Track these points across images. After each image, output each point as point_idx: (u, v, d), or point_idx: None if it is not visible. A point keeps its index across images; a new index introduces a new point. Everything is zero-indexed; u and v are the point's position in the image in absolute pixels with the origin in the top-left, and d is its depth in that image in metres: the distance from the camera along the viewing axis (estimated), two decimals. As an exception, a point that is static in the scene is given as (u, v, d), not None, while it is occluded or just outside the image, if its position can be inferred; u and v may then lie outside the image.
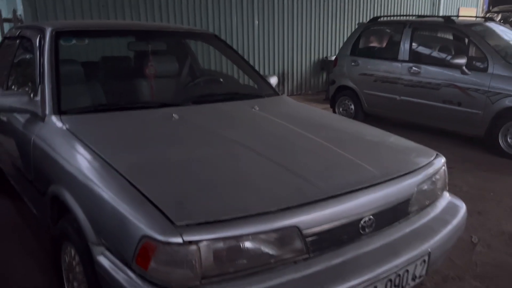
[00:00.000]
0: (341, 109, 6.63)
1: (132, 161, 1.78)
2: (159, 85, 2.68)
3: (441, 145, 5.26)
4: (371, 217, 1.73)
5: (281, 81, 8.67)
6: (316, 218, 1.57)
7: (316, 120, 2.62)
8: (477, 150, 5.07)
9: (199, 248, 1.36)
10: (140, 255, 1.40)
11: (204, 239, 1.37)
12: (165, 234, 1.35)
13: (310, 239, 1.57)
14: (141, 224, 1.41)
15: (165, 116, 2.33)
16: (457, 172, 4.34)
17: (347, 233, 1.67)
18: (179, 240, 1.35)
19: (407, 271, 1.73)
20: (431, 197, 2.05)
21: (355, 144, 2.22)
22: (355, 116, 6.27)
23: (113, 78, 2.76)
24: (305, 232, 1.54)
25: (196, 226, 1.39)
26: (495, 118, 4.81)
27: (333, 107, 6.75)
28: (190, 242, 1.36)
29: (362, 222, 1.70)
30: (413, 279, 1.79)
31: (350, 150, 2.04)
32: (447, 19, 5.58)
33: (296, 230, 1.53)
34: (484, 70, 4.89)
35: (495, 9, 17.39)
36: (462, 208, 2.16)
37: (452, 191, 2.31)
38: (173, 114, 2.32)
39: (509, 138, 4.75)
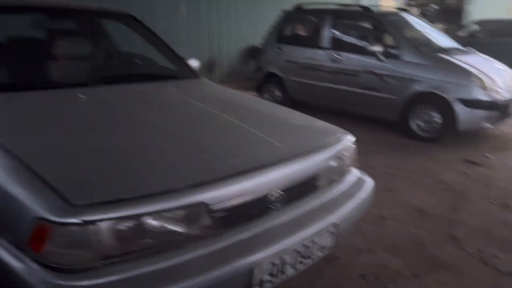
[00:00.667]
0: (268, 96, 6.72)
1: (28, 143, 1.67)
2: (67, 66, 2.52)
3: (360, 129, 5.48)
4: (281, 192, 1.77)
5: (209, 69, 8.59)
6: (224, 194, 1.58)
7: (233, 102, 2.62)
8: (393, 133, 5.40)
9: (98, 228, 1.31)
10: (34, 238, 1.32)
11: (104, 219, 1.32)
12: (61, 215, 1.28)
13: (218, 215, 1.57)
14: (34, 205, 1.33)
15: (71, 97, 2.20)
16: (374, 154, 4.60)
17: (256, 208, 1.70)
18: (76, 220, 1.28)
19: (315, 242, 1.80)
20: (339, 173, 2.14)
21: (267, 123, 2.26)
22: (281, 103, 6.39)
23: (15, 58, 2.55)
24: (213, 208, 1.54)
25: (94, 206, 1.33)
26: (407, 103, 5.14)
27: (260, 94, 6.83)
28: (88, 222, 1.30)
29: (271, 197, 1.73)
30: (321, 250, 1.87)
31: (262, 128, 2.07)
32: (366, 8, 5.84)
33: (203, 206, 1.52)
34: (397, 57, 5.20)
35: (412, 1, 18.59)
36: (370, 183, 2.29)
37: (368, 171, 2.42)
38: (80, 95, 2.21)
39: (419, 121, 5.11)
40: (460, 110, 4.76)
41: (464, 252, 2.69)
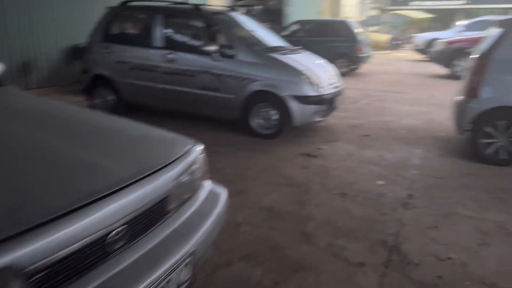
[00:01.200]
0: (99, 101, 6.04)
1: None
2: None
3: (203, 131, 5.40)
4: (122, 227, 1.42)
5: (24, 73, 7.35)
6: (41, 248, 1.16)
7: (49, 116, 2.10)
8: (236, 133, 5.40)
9: None
10: None
11: None
12: None
13: (37, 277, 1.15)
14: None
15: None
16: (220, 156, 4.49)
17: (92, 255, 1.32)
18: None
19: (170, 280, 1.51)
20: (191, 190, 1.89)
21: (97, 141, 1.84)
22: (115, 107, 5.82)
23: None
24: (27, 270, 1.12)
25: None
26: (246, 102, 5.19)
27: (89, 99, 6.10)
28: None
29: (110, 236, 1.37)
30: (179, 286, 1.59)
31: (90, 149, 1.68)
32: (196, 7, 5.70)
33: (11, 271, 1.09)
34: (233, 56, 5.20)
35: (240, 2, 19.47)
36: (224, 195, 2.09)
37: (217, 175, 2.23)
38: None
39: (259, 119, 5.22)
40: (294, 106, 5.00)
41: (316, 248, 2.73)
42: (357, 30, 12.02)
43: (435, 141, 5.29)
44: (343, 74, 11.76)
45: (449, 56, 11.58)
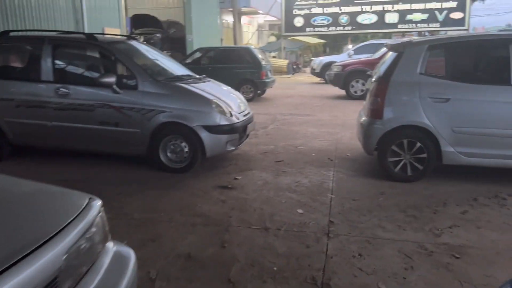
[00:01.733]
0: (-23, 145, 5.20)
1: None
2: None
3: (106, 170, 4.90)
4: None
5: None
6: None
7: None
8: (144, 169, 4.97)
9: None
10: None
11: None
12: None
13: None
14: None
15: None
16: (128, 198, 4.05)
17: None
18: None
19: None
20: (89, 260, 1.53)
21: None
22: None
23: None
24: None
25: None
26: (153, 135, 4.82)
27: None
28: None
29: None
30: None
31: None
32: (90, 35, 5.23)
33: None
34: (135, 88, 4.82)
35: (138, 31, 18.90)
36: (131, 258, 1.75)
37: (125, 222, 1.86)
38: None
39: (169, 152, 4.87)
40: (205, 137, 4.75)
41: (244, 297, 2.47)
42: (260, 56, 12.29)
43: (344, 161, 5.40)
44: (250, 100, 11.87)
45: (345, 78, 12.35)
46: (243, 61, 12.09)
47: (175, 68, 5.79)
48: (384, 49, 12.76)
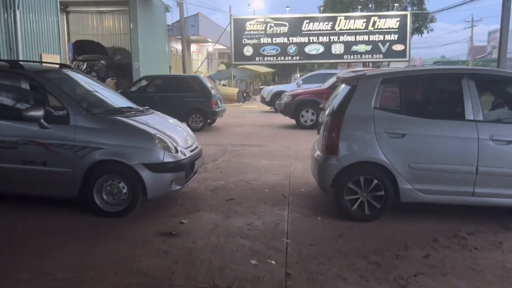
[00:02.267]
0: None
1: None
2: None
3: (30, 216, 4.26)
4: None
5: None
6: None
7: None
8: (76, 214, 4.38)
9: None
10: None
11: None
12: None
13: None
14: None
15: None
16: (52, 251, 3.48)
17: None
18: None
19: None
20: None
21: None
22: None
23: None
24: None
25: None
26: (87, 175, 4.28)
27: None
28: None
29: None
30: None
31: None
32: (14, 63, 4.66)
33: None
34: (66, 122, 4.29)
35: (80, 57, 18.05)
36: None
37: (44, 284, 1.39)
38: None
39: (105, 194, 4.33)
40: (147, 176, 4.28)
41: None
42: (210, 84, 11.98)
43: (299, 198, 5.10)
44: (199, 129, 11.49)
45: (295, 108, 12.29)
46: (192, 89, 11.73)
47: (114, 99, 5.30)
48: (332, 79, 12.92)
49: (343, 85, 4.80)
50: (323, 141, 4.42)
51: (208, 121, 11.93)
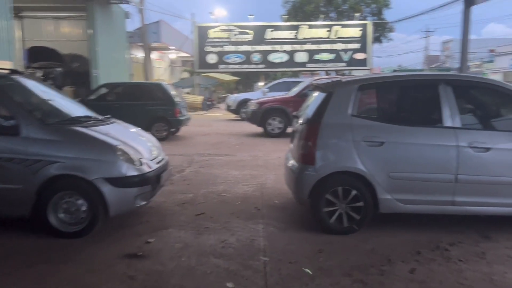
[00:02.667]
0: None
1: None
2: None
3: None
4: None
5: None
6: None
7: None
8: (29, 235, 3.93)
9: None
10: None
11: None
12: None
13: None
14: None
15: None
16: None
17: None
18: None
19: None
20: None
21: None
22: None
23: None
24: None
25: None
26: (41, 192, 3.84)
27: None
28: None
29: None
30: None
31: None
32: (-44, 68, 4.17)
33: None
34: (16, 133, 3.84)
35: (35, 64, 17.12)
36: None
37: None
38: None
39: (61, 213, 3.91)
40: (109, 192, 3.90)
41: None
42: (173, 92, 11.58)
43: (273, 211, 4.85)
44: (163, 139, 11.03)
45: (262, 116, 12.09)
46: (155, 97, 11.27)
47: (72, 108, 4.87)
48: (298, 87, 12.82)
49: (318, 93, 4.62)
50: (299, 151, 4.21)
51: (173, 130, 11.50)
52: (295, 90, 12.82)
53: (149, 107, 11.03)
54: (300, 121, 4.59)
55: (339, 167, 4.04)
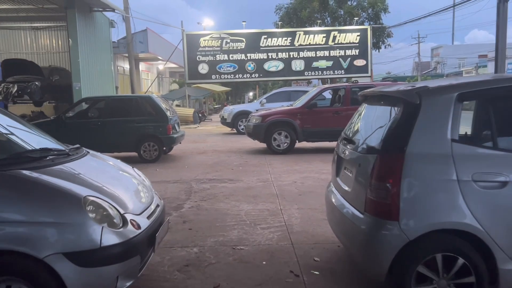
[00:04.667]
0: None
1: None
2: None
3: None
4: None
5: None
6: None
7: None
8: None
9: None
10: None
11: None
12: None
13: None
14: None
15: None
16: None
17: None
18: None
19: None
20: None
21: None
22: None
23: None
24: None
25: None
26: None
27: None
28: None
29: None
30: None
31: None
32: None
33: None
34: None
35: (10, 79, 15.50)
36: None
37: None
38: None
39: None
40: (71, 274, 2.39)
41: None
42: (165, 106, 10.08)
43: (319, 280, 3.36)
44: (154, 160, 9.51)
45: (266, 130, 10.62)
46: (144, 112, 9.76)
47: (24, 137, 3.33)
48: (305, 97, 11.34)
49: (382, 105, 3.18)
50: (369, 195, 2.73)
51: (165, 149, 9.98)
52: (303, 100, 11.39)
53: (137, 124, 9.52)
54: (360, 145, 3.13)
55: (438, 223, 2.57)
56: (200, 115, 24.93)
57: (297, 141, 10.72)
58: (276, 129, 10.64)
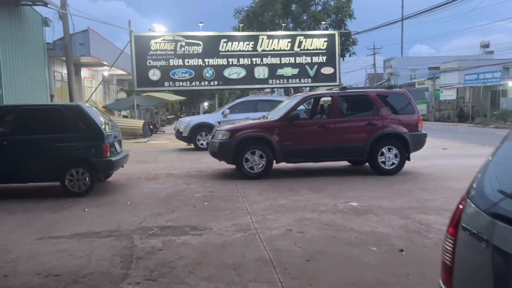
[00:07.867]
0: None
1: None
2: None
3: None
4: None
5: None
6: None
7: None
8: None
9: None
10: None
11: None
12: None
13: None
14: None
15: None
16: None
17: None
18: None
19: None
20: None
21: None
22: None
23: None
24: None
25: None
26: None
27: None
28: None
29: None
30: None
31: None
32: None
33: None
34: None
35: None
36: None
37: None
38: None
39: None
40: None
41: None
42: (102, 118, 7.45)
43: None
44: (83, 194, 6.85)
45: (236, 148, 8.25)
46: (70, 127, 7.06)
47: None
48: (283, 107, 8.99)
49: None
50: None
51: (98, 178, 7.29)
52: (280, 110, 9.12)
53: (60, 144, 6.85)
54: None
55: None
56: (151, 126, 22.14)
57: (274, 161, 8.45)
58: (249, 147, 8.30)
